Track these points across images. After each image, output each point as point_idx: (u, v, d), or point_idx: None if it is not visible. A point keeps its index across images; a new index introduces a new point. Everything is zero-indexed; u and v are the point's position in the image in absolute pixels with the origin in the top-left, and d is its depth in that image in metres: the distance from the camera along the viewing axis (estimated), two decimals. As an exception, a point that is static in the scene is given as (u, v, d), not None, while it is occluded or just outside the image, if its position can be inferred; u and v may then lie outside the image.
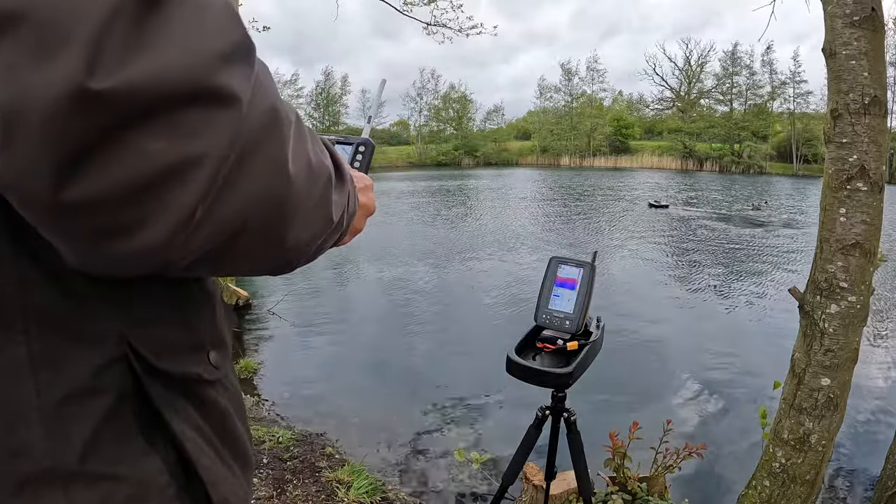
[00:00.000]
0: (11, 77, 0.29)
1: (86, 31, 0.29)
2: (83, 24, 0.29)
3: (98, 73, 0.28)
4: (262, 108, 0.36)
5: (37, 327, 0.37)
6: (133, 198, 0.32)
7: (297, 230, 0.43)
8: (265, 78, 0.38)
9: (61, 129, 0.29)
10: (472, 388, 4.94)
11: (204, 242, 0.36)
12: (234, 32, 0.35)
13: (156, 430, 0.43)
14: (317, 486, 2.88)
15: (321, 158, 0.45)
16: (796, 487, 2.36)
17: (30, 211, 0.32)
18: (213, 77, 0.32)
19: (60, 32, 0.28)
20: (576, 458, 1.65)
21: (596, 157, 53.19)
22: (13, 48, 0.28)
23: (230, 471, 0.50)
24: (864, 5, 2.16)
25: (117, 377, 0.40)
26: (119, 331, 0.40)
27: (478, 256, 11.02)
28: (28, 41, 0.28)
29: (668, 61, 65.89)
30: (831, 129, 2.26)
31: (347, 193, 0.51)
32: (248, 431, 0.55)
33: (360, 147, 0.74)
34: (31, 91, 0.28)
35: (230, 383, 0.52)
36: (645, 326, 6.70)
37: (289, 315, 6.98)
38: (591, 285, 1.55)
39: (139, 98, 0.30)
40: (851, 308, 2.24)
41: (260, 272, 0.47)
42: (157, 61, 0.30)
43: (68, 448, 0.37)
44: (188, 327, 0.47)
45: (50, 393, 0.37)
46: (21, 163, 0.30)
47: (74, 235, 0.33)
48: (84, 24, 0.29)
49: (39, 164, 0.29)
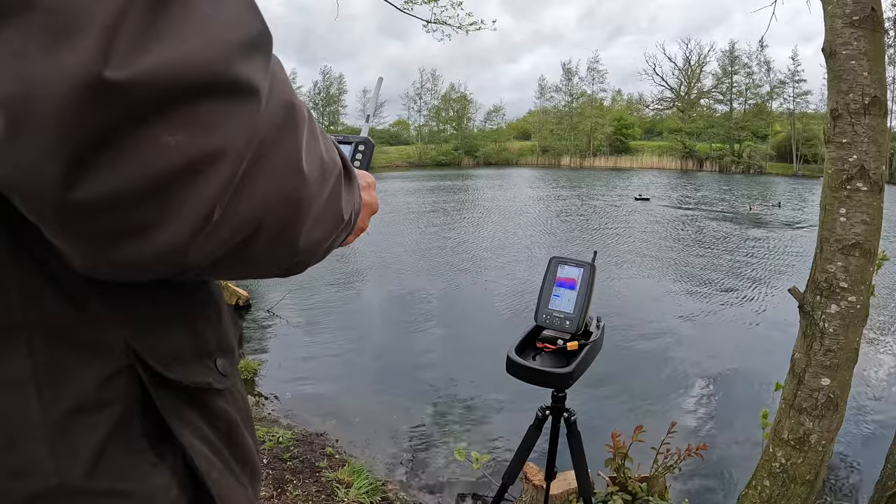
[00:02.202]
0: (19, 65, 0.26)
1: (101, 17, 0.26)
2: (98, 9, 0.27)
3: (114, 62, 0.27)
4: (280, 103, 0.35)
5: (40, 338, 0.35)
6: (148, 196, 0.30)
7: (311, 229, 0.41)
8: (280, 72, 0.36)
9: (73, 122, 0.27)
10: (473, 388, 4.94)
11: (221, 244, 0.34)
12: (254, 22, 0.33)
13: (164, 442, 0.41)
14: (317, 486, 2.88)
15: (332, 156, 0.44)
16: (796, 487, 2.36)
17: (36, 211, 0.30)
18: (232, 68, 0.31)
19: (73, 18, 0.26)
20: (576, 458, 1.65)
21: (596, 157, 53.21)
22: (22, 34, 0.26)
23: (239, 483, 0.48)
24: (864, 5, 2.16)
25: (124, 388, 0.38)
26: (125, 340, 0.38)
27: (477, 256, 11.02)
28: (38, 27, 0.26)
29: (669, 61, 66.01)
30: (831, 130, 2.26)
31: (355, 191, 0.50)
32: (255, 441, 0.53)
33: (359, 146, 0.74)
34: (42, 80, 0.26)
35: (238, 392, 0.50)
36: (644, 326, 6.70)
37: (289, 315, 6.98)
38: (591, 285, 1.55)
39: (156, 89, 0.28)
40: (851, 308, 2.24)
41: (273, 274, 0.44)
42: (175, 50, 0.28)
43: (75, 464, 0.35)
44: (195, 334, 0.45)
45: (55, 407, 0.35)
46: (28, 158, 0.27)
47: (84, 237, 0.31)
48: (99, 10, 0.27)
49: (48, 160, 0.27)
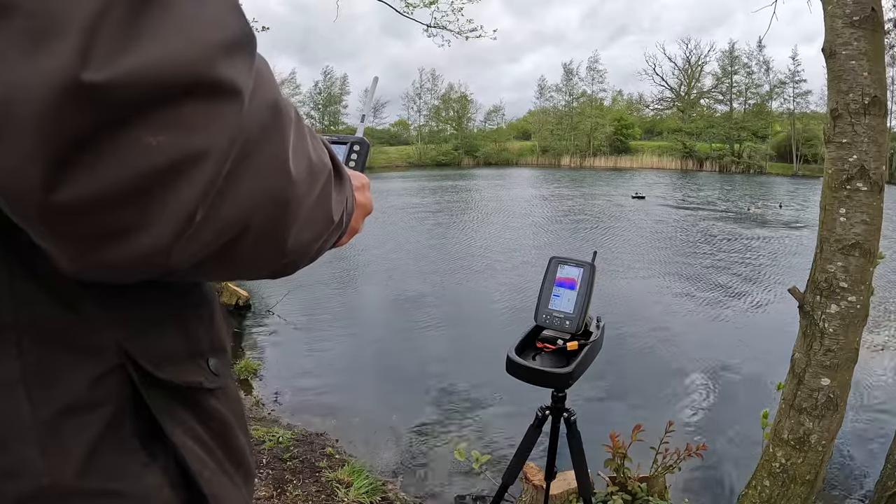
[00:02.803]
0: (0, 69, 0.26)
1: (80, 19, 0.27)
2: (77, 11, 0.27)
3: (93, 64, 0.27)
4: (264, 103, 0.35)
5: (30, 340, 0.35)
6: (130, 198, 0.30)
7: (299, 231, 0.41)
8: (265, 72, 0.36)
9: (53, 125, 0.27)
10: (472, 388, 4.94)
11: (204, 246, 0.34)
12: (236, 23, 0.33)
13: (156, 442, 0.41)
14: (317, 486, 2.88)
15: (321, 156, 0.44)
16: (796, 487, 2.36)
17: (18, 213, 0.30)
18: (214, 68, 0.31)
19: (53, 21, 0.26)
20: (576, 458, 1.65)
21: (596, 157, 53.18)
22: (2, 38, 0.26)
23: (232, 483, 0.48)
24: (864, 5, 2.16)
25: (115, 389, 0.38)
26: (116, 340, 0.38)
27: (477, 256, 11.01)
28: (18, 30, 0.26)
29: (669, 61, 66.01)
30: (831, 130, 2.26)
31: (346, 192, 0.50)
32: (248, 441, 0.53)
33: (354, 146, 0.73)
34: (21, 83, 0.26)
35: (231, 391, 0.50)
36: (644, 326, 6.70)
37: (289, 315, 6.97)
38: (591, 285, 1.55)
39: (137, 90, 0.28)
40: (851, 308, 2.24)
41: (261, 276, 0.44)
42: (155, 51, 0.28)
43: (66, 464, 0.35)
44: (187, 334, 0.45)
45: (46, 408, 0.35)
46: (8, 161, 0.27)
47: (68, 239, 0.31)
48: (78, 12, 0.27)
49: (28, 163, 0.27)
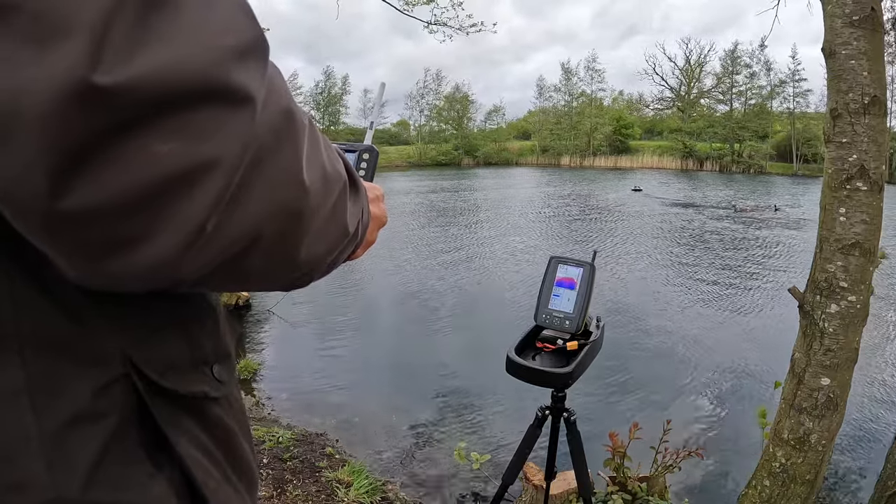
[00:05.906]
0: (4, 71, 0.25)
1: (89, 20, 0.26)
2: (86, 12, 0.26)
3: (102, 67, 0.26)
4: (277, 110, 0.34)
5: (33, 349, 0.34)
6: (138, 207, 0.29)
7: (313, 243, 0.40)
8: (278, 78, 0.35)
9: (60, 129, 0.26)
10: (472, 388, 4.94)
11: (215, 257, 0.33)
12: (248, 27, 0.32)
13: (161, 452, 0.40)
14: (317, 486, 2.88)
15: (336, 166, 0.42)
16: (796, 487, 2.36)
17: (23, 221, 0.29)
18: (226, 74, 0.30)
19: (61, 21, 0.25)
20: (576, 458, 1.65)
21: (596, 156, 53.15)
22: (7, 39, 0.25)
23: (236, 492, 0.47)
24: (864, 5, 2.16)
25: (120, 398, 0.37)
26: (121, 349, 0.37)
27: (477, 256, 11.02)
28: (24, 31, 0.25)
29: (669, 61, 66.02)
30: (831, 129, 2.26)
31: (362, 203, 0.48)
32: (252, 449, 0.52)
33: (363, 154, 0.72)
34: (27, 86, 0.25)
35: (235, 399, 0.49)
36: (644, 325, 6.70)
37: (289, 315, 6.98)
38: (590, 285, 1.55)
39: (147, 95, 0.27)
40: (851, 308, 2.24)
41: (273, 288, 0.43)
42: (167, 55, 0.27)
43: (71, 476, 0.34)
44: (190, 341, 0.44)
45: (50, 419, 0.34)
46: (13, 167, 0.26)
47: (74, 248, 0.30)
48: (87, 13, 0.26)
49: (34, 169, 0.26)
